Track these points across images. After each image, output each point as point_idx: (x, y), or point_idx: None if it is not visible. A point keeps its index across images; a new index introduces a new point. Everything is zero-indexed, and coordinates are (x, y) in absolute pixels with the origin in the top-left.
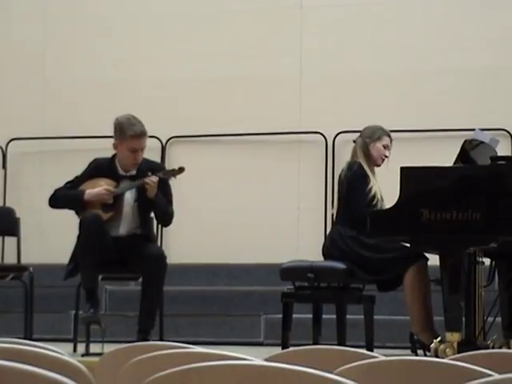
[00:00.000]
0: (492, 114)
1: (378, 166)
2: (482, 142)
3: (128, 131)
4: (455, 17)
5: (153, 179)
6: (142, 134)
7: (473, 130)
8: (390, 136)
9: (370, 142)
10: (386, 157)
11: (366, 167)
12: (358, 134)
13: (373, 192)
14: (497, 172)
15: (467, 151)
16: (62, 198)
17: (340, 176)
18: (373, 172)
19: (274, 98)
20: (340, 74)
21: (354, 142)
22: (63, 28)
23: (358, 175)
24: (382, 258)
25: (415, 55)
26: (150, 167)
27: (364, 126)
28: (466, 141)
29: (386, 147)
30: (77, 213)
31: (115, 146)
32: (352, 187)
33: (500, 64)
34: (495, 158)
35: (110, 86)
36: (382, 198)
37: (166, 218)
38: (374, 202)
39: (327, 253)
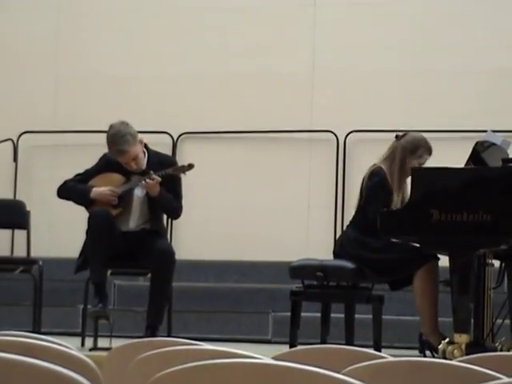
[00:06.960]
0: (504, 115)
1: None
2: (494, 144)
3: (110, 150)
4: (470, 17)
5: (149, 182)
6: (120, 153)
7: (485, 131)
8: (431, 153)
9: (410, 156)
10: None
11: (389, 178)
12: (399, 133)
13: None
14: (508, 174)
15: (479, 153)
16: (70, 191)
17: (363, 180)
18: (401, 184)
19: (286, 96)
20: (352, 72)
21: (397, 138)
22: (76, 22)
23: (379, 186)
24: (391, 258)
25: (429, 55)
26: (160, 161)
27: (404, 133)
28: (477, 142)
29: (421, 164)
30: (86, 207)
31: None
32: (370, 197)
33: None
34: (507, 160)
35: (122, 80)
36: None
37: (171, 214)
38: None
39: (337, 252)
